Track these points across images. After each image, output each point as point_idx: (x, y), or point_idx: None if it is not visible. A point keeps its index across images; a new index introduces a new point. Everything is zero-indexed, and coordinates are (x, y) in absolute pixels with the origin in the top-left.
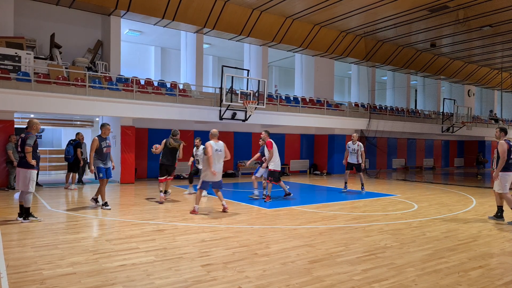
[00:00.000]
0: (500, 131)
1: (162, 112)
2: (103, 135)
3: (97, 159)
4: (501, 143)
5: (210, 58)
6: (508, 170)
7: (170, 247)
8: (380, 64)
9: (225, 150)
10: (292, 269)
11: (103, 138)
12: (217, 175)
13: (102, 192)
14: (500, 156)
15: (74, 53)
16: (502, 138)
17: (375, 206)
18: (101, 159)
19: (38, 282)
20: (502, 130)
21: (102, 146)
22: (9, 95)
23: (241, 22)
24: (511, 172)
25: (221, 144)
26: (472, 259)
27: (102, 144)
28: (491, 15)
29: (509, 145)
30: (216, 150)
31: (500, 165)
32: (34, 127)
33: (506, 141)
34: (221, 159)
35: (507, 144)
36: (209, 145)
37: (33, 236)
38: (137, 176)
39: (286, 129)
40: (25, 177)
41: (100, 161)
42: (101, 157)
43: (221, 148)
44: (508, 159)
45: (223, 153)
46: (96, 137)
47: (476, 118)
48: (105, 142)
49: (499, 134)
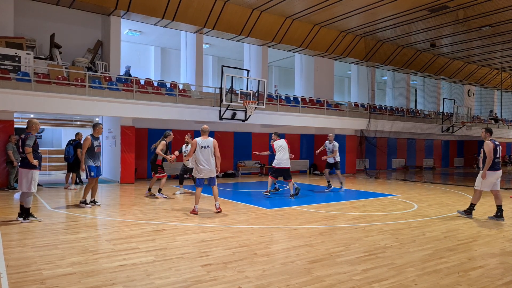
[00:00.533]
0: (486, 131)
1: (162, 112)
2: (95, 134)
3: (88, 158)
4: (486, 143)
5: (210, 58)
6: (494, 169)
7: (170, 247)
8: (380, 64)
9: (214, 147)
10: (292, 269)
11: (96, 137)
12: (206, 172)
13: (88, 190)
14: (487, 156)
15: (74, 53)
16: (488, 138)
17: (375, 206)
18: (92, 158)
19: (38, 282)
20: (487, 131)
21: (94, 146)
22: (9, 95)
23: (241, 22)
24: (497, 171)
25: (210, 141)
26: (472, 259)
27: (94, 143)
28: (491, 15)
29: (494, 144)
30: (202, 147)
31: (487, 165)
32: (33, 127)
33: (492, 140)
34: (208, 155)
35: (493, 143)
36: (194, 142)
37: (33, 236)
38: (137, 176)
39: (286, 129)
40: (28, 177)
41: (91, 160)
42: (92, 156)
43: (209, 145)
44: (494, 158)
45: (210, 150)
46: (89, 136)
47: (476, 118)
48: (97, 141)
49: (484, 134)
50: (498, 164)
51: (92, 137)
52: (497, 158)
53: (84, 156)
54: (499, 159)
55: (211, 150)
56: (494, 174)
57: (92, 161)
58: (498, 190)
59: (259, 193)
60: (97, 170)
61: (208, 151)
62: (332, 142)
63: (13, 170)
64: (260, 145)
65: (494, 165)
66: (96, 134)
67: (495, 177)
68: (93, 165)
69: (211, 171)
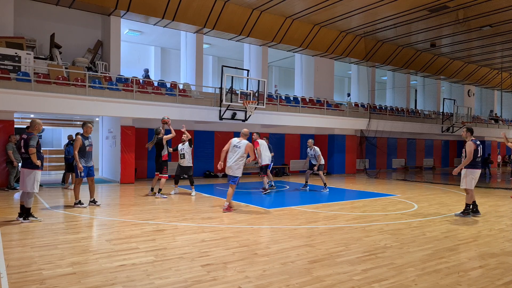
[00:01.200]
0: (467, 131)
1: (162, 112)
2: (85, 133)
3: (80, 157)
4: (468, 143)
5: (210, 58)
6: (475, 168)
7: (170, 247)
8: (380, 64)
9: (246, 148)
10: (292, 269)
11: (86, 136)
12: (228, 170)
13: (78, 190)
14: (467, 156)
15: (74, 53)
16: (469, 138)
17: (375, 206)
18: (83, 157)
19: (38, 282)
20: (468, 131)
21: (85, 145)
22: (9, 95)
23: (241, 22)
24: (478, 169)
25: (243, 142)
26: (472, 259)
27: (85, 142)
28: (491, 15)
29: (476, 144)
30: (234, 146)
31: (464, 163)
32: (36, 127)
33: (473, 141)
34: (236, 155)
35: (474, 144)
36: (229, 141)
37: (33, 236)
38: (137, 176)
39: (286, 129)
40: (30, 177)
41: (83, 160)
42: (84, 156)
43: (241, 146)
44: (476, 157)
45: (240, 150)
46: (79, 136)
47: (476, 118)
48: (87, 140)
49: (465, 134)
50: (479, 163)
51: (83, 137)
52: (479, 157)
53: (77, 156)
54: (480, 158)
55: (242, 151)
56: (475, 172)
57: (83, 161)
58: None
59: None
60: (88, 171)
61: (238, 151)
62: (312, 147)
63: (13, 170)
64: None
65: (475, 164)
66: (85, 133)
67: (476, 175)
68: (84, 165)
69: (233, 169)
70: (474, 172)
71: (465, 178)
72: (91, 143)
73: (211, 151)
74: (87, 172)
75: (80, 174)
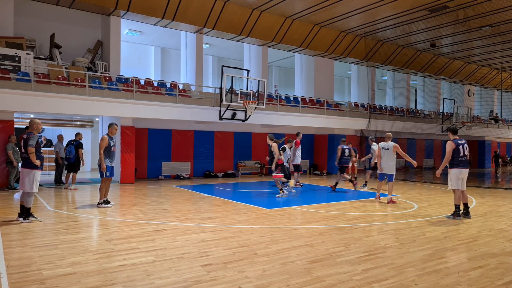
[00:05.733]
0: (448, 131)
1: (162, 112)
2: (110, 134)
3: (105, 157)
4: (449, 143)
5: (210, 58)
6: (459, 167)
7: (170, 247)
8: (380, 64)
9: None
10: (292, 269)
11: (111, 137)
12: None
13: (103, 189)
14: (446, 155)
15: (74, 53)
16: (451, 138)
17: (375, 206)
18: (109, 157)
19: (38, 282)
20: (449, 130)
21: (111, 145)
22: (9, 95)
23: (241, 22)
24: (462, 168)
25: (390, 144)
26: (472, 259)
27: (110, 142)
28: (491, 15)
29: (456, 144)
30: (383, 149)
31: (444, 163)
32: (35, 127)
33: (454, 140)
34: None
35: (454, 143)
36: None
37: (33, 236)
38: (137, 176)
39: (286, 129)
40: (30, 177)
41: (108, 160)
42: (109, 156)
43: (389, 147)
44: (458, 156)
45: (390, 152)
46: (105, 136)
47: (476, 118)
48: (112, 141)
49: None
50: (465, 162)
51: (109, 137)
52: (462, 157)
53: (102, 156)
54: (465, 157)
55: (391, 151)
56: (459, 172)
57: (108, 160)
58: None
59: (259, 193)
60: (112, 170)
61: (389, 152)
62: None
63: (13, 170)
64: (260, 145)
65: (459, 163)
66: (111, 134)
67: (460, 175)
68: (109, 165)
69: (390, 168)
70: (458, 172)
71: (450, 179)
72: (115, 143)
73: (211, 151)
74: (111, 171)
75: (105, 173)
